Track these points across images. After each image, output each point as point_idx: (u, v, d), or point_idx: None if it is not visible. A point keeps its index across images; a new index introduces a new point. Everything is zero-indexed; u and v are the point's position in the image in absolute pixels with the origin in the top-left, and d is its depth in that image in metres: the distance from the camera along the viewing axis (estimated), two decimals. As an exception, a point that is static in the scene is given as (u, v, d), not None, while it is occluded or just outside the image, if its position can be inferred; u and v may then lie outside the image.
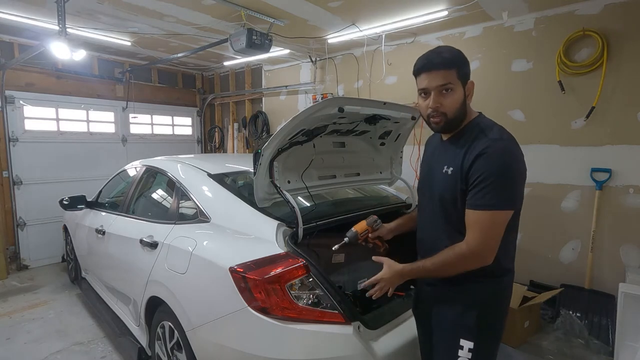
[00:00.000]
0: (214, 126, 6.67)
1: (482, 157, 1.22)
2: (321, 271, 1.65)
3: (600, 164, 3.12)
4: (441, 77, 1.27)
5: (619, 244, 3.08)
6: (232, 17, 3.55)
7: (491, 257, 1.25)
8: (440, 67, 1.27)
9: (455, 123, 1.33)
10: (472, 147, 1.27)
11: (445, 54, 1.29)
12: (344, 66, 4.83)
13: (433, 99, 1.29)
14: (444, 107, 1.29)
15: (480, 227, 1.23)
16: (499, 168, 1.20)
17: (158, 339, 2.18)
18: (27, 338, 3.07)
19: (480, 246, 1.23)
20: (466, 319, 1.33)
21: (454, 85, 1.28)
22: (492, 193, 1.20)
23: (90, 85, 5.33)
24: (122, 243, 2.63)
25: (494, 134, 1.27)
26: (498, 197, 1.20)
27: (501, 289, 1.36)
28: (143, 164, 3.02)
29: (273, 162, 1.84)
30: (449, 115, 1.29)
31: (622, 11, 2.95)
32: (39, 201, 4.81)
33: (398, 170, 2.53)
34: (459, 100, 1.29)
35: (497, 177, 1.20)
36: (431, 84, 1.28)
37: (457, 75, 1.28)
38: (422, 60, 1.31)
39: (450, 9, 3.31)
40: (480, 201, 1.22)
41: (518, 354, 2.78)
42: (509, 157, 1.23)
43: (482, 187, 1.21)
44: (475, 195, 1.23)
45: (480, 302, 1.33)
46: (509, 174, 1.22)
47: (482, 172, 1.22)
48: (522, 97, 3.49)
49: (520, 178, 1.26)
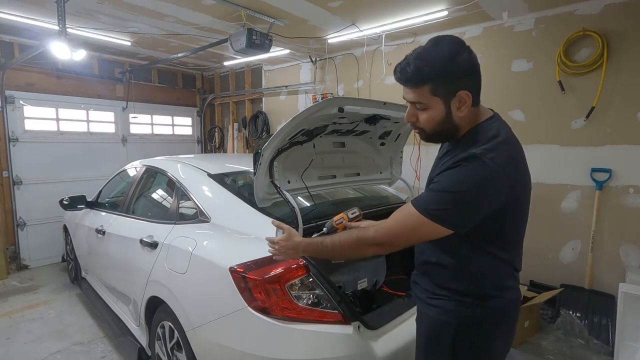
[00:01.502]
0: (214, 126, 6.67)
1: (451, 169, 1.09)
2: (321, 271, 1.66)
3: (600, 164, 3.12)
4: (411, 93, 1.12)
5: (619, 244, 3.08)
6: (232, 17, 3.55)
7: (388, 250, 1.21)
8: (410, 83, 1.11)
9: (441, 137, 1.20)
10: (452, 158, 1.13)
11: (419, 64, 1.07)
12: (344, 66, 4.83)
13: (408, 112, 1.18)
14: (420, 122, 1.16)
15: (396, 218, 1.17)
16: (455, 181, 1.07)
17: (158, 339, 2.18)
18: (27, 338, 3.07)
19: (385, 237, 1.16)
20: (441, 339, 1.23)
21: (427, 103, 1.11)
22: (429, 196, 1.11)
23: (90, 85, 5.33)
24: (122, 243, 2.63)
25: (479, 147, 1.08)
26: (431, 203, 1.09)
27: (486, 315, 1.19)
28: (143, 164, 3.02)
29: (273, 162, 1.84)
30: (427, 130, 1.17)
31: (622, 11, 2.95)
32: (39, 201, 4.81)
33: (398, 170, 2.53)
34: (437, 117, 1.12)
35: (446, 188, 1.08)
36: (406, 97, 1.15)
37: (430, 92, 1.09)
38: (396, 70, 1.14)
39: (450, 9, 3.31)
40: (415, 198, 1.14)
41: (518, 354, 2.78)
42: (475, 177, 1.05)
43: (428, 189, 1.15)
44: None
45: (456, 324, 1.20)
46: (463, 192, 1.06)
47: (439, 178, 1.12)
48: (522, 97, 3.49)
49: (478, 203, 1.07)
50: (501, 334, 1.24)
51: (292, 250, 1.35)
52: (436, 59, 1.08)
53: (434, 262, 1.24)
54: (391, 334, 1.71)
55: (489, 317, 1.20)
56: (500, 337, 1.24)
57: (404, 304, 1.88)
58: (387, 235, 1.17)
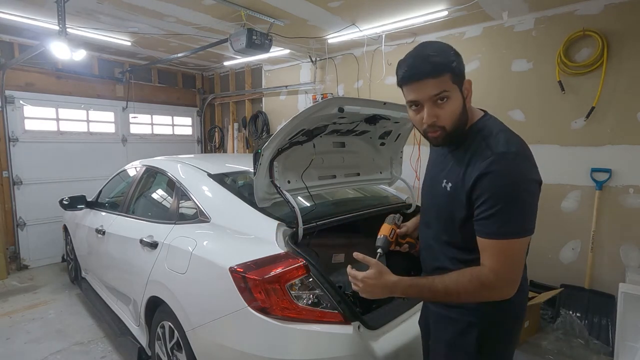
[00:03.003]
0: (214, 126, 6.67)
1: (486, 178, 1.04)
2: (321, 271, 1.65)
3: (600, 164, 3.12)
4: (433, 86, 1.05)
5: (619, 244, 3.07)
6: (232, 17, 3.55)
7: (513, 290, 1.08)
8: (431, 75, 1.05)
9: (457, 135, 1.13)
10: (472, 162, 1.08)
11: (435, 58, 1.05)
12: (344, 66, 4.83)
13: (427, 112, 1.08)
14: (442, 119, 1.09)
15: (501, 256, 1.05)
16: (507, 191, 1.02)
17: (158, 339, 2.18)
18: (27, 338, 3.07)
19: (507, 277, 1.06)
20: (465, 341, 1.19)
21: (450, 92, 1.06)
22: (504, 220, 1.03)
23: (90, 85, 5.33)
24: (122, 243, 2.63)
25: (498, 145, 1.06)
26: (513, 225, 1.03)
27: (509, 308, 1.17)
28: (143, 164, 3.02)
29: (273, 162, 1.84)
30: (449, 128, 1.10)
31: (622, 11, 2.95)
32: (39, 201, 4.81)
33: (398, 170, 2.53)
34: (458, 107, 1.09)
35: (505, 204, 1.02)
36: (422, 96, 1.07)
37: (451, 80, 1.06)
38: (405, 67, 1.09)
39: (450, 9, 3.31)
40: (493, 229, 1.04)
41: (518, 354, 2.77)
42: (518, 176, 1.03)
43: (492, 214, 1.04)
44: (486, 222, 1.05)
45: (483, 322, 1.17)
46: (521, 197, 1.03)
47: (488, 196, 1.04)
48: (522, 97, 3.49)
49: (534, 198, 1.07)
50: (520, 327, 1.25)
51: (381, 289, 1.16)
52: (442, 49, 1.09)
53: (450, 268, 1.16)
54: (391, 334, 1.71)
55: (512, 312, 1.20)
56: (519, 330, 1.25)
57: (404, 304, 1.88)
58: (507, 273, 1.06)
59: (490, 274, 1.05)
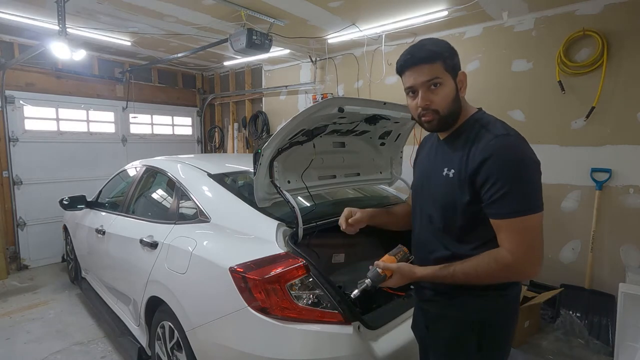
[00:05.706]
0: (214, 126, 6.67)
1: (489, 160, 1.09)
2: (321, 271, 1.65)
3: (600, 164, 3.12)
4: (427, 71, 1.16)
5: (619, 244, 3.08)
6: (232, 17, 3.55)
7: (535, 268, 1.10)
8: (425, 61, 1.16)
9: (450, 120, 1.21)
10: (474, 147, 1.14)
11: (429, 46, 1.18)
12: (344, 66, 4.83)
13: (421, 96, 1.18)
14: (435, 103, 1.17)
15: (517, 235, 1.08)
16: (514, 169, 1.08)
17: (158, 339, 2.18)
18: (27, 338, 3.07)
19: (526, 256, 1.08)
20: (464, 338, 1.21)
21: (443, 79, 1.16)
22: (515, 198, 1.07)
23: (90, 85, 5.33)
24: (122, 243, 2.63)
25: (497, 129, 1.14)
26: (525, 201, 1.07)
27: (506, 303, 1.22)
28: (143, 164, 3.02)
29: (273, 162, 1.84)
30: (441, 112, 1.18)
31: (622, 11, 2.95)
32: (39, 201, 4.81)
33: (398, 170, 2.53)
34: (450, 94, 1.18)
35: (514, 182, 1.07)
36: (417, 81, 1.18)
37: (444, 68, 1.17)
38: (404, 56, 1.21)
39: (450, 9, 3.31)
40: (506, 209, 1.08)
41: (518, 354, 2.77)
42: (522, 155, 1.10)
43: (503, 194, 1.07)
44: (498, 203, 1.09)
45: (481, 319, 1.20)
46: (528, 173, 1.09)
47: (497, 177, 1.08)
48: (522, 97, 3.49)
49: (539, 176, 1.12)
50: (515, 321, 1.28)
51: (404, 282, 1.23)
52: (439, 42, 1.21)
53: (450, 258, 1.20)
54: (391, 334, 1.71)
55: (510, 306, 1.24)
56: (515, 324, 1.28)
57: (404, 304, 1.88)
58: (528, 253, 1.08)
59: (508, 254, 1.09)
